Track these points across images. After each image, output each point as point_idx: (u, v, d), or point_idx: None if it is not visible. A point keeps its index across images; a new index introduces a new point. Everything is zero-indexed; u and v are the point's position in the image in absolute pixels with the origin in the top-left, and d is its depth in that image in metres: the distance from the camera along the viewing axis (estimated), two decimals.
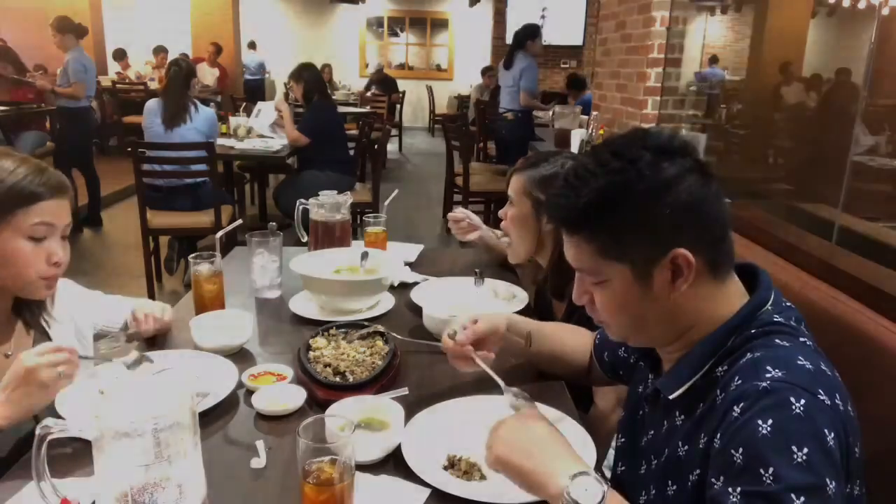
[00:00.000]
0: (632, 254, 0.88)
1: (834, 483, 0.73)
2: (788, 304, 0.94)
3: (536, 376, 1.38)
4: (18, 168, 1.20)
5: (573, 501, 0.78)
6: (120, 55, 10.01)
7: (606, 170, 0.87)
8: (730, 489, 0.75)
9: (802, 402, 0.76)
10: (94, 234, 5.47)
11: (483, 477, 1.05)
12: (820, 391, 0.77)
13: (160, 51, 9.72)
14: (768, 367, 0.80)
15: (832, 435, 0.75)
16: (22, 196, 1.18)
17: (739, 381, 0.82)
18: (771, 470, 0.73)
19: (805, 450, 0.73)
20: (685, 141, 0.90)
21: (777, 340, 0.85)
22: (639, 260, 0.88)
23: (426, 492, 1.00)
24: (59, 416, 1.12)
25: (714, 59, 4.56)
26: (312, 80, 4.62)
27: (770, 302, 0.91)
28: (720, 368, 0.88)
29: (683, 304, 0.90)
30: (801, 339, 0.87)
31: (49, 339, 1.36)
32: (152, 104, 4.02)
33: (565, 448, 0.89)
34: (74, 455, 1.04)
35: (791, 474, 0.72)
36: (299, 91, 4.58)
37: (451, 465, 1.07)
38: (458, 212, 2.10)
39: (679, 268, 0.87)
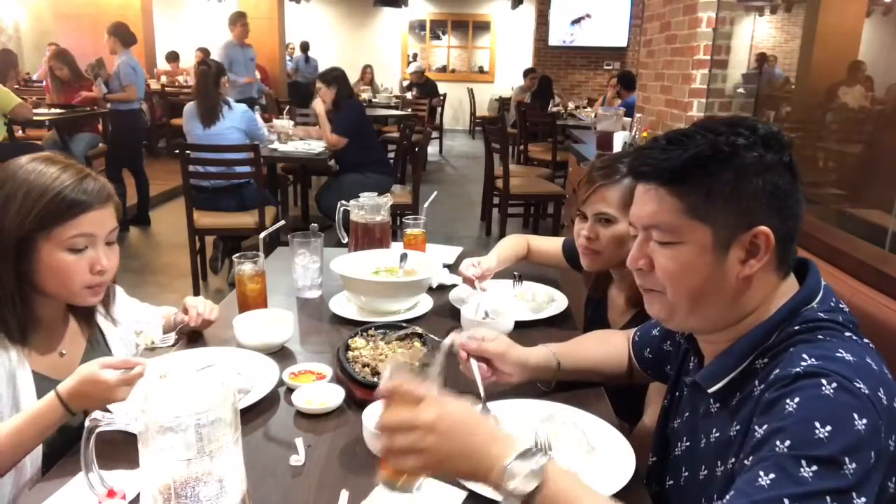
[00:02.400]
0: (719, 218, 0.87)
1: (855, 465, 0.70)
2: (841, 304, 0.91)
3: (575, 383, 1.36)
4: (62, 175, 1.18)
5: (512, 492, 0.75)
6: (173, 57, 10.28)
7: (718, 133, 0.87)
8: (745, 461, 0.76)
9: (834, 385, 0.75)
10: (142, 234, 5.63)
11: None
12: (858, 380, 0.76)
13: (202, 51, 9.90)
14: (804, 356, 0.80)
15: (864, 421, 0.73)
16: (61, 209, 1.17)
17: (777, 371, 0.81)
18: (787, 442, 0.72)
19: (828, 427, 0.72)
20: (789, 139, 0.90)
21: (820, 336, 0.84)
22: (723, 226, 0.87)
23: (462, 494, 1.00)
24: (106, 410, 1.15)
25: (774, 59, 4.43)
26: (344, 84, 4.65)
27: (817, 300, 0.89)
28: (760, 361, 0.88)
29: (744, 291, 0.89)
30: (847, 334, 0.85)
31: (104, 339, 1.40)
32: (189, 108, 4.11)
33: (492, 428, 0.83)
34: (121, 448, 1.07)
35: (807, 446, 0.71)
36: (330, 95, 4.58)
37: None
38: (472, 273, 1.73)
39: (756, 248, 0.87)
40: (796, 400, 0.75)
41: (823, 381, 0.75)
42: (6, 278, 1.18)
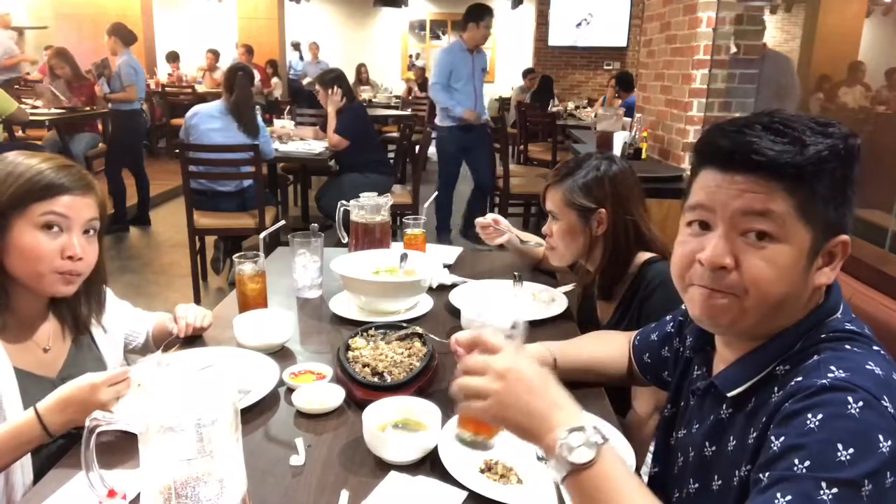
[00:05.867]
0: (820, 221, 0.81)
1: (871, 486, 0.68)
2: (856, 317, 0.89)
3: (575, 382, 1.36)
4: (41, 164, 1.19)
5: (565, 458, 0.76)
6: (173, 57, 10.28)
7: (837, 134, 0.81)
8: (760, 474, 0.74)
9: (861, 403, 0.72)
10: (143, 234, 5.62)
11: (520, 481, 1.04)
12: (885, 398, 0.73)
13: (211, 52, 9.88)
14: (832, 367, 0.77)
15: (888, 443, 0.70)
16: (37, 188, 1.16)
17: (800, 379, 0.79)
18: (807, 463, 0.70)
19: (851, 450, 0.69)
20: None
21: (847, 346, 0.82)
22: (822, 230, 0.82)
23: (463, 494, 1.00)
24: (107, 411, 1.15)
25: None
26: (345, 86, 4.64)
27: (840, 311, 0.87)
28: (781, 368, 0.85)
29: (811, 299, 0.86)
30: (875, 348, 0.83)
31: (95, 344, 1.39)
32: (214, 111, 3.96)
33: (561, 397, 0.83)
34: (121, 448, 1.07)
35: (827, 469, 0.69)
36: (334, 95, 4.55)
37: (488, 468, 1.07)
38: (487, 218, 2.05)
39: (834, 256, 0.84)
40: (819, 416, 0.72)
41: (849, 398, 0.72)
42: None
